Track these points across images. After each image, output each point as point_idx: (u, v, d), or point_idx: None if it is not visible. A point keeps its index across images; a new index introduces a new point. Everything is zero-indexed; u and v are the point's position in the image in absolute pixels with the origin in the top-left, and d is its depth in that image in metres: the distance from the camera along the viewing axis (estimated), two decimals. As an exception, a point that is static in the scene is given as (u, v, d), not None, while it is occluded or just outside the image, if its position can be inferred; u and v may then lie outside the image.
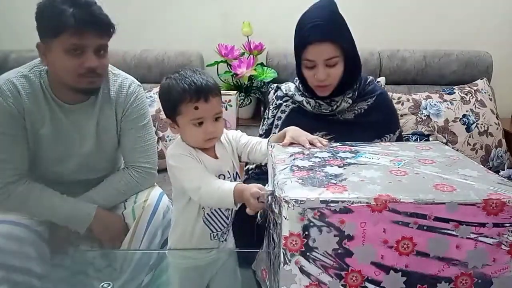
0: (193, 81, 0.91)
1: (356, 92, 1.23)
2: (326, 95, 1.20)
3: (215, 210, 0.99)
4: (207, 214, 0.99)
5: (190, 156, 0.94)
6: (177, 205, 1.02)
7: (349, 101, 1.22)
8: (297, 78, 1.29)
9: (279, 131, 1.25)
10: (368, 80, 1.29)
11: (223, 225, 1.02)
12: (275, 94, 1.36)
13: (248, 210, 0.83)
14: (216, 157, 0.98)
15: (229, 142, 1.04)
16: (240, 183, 0.90)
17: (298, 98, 1.26)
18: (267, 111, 1.37)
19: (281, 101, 1.32)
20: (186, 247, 1.03)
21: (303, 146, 0.89)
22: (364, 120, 1.23)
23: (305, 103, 1.25)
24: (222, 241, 1.04)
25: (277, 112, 1.32)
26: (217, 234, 1.01)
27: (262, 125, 1.37)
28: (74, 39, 1.03)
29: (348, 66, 1.16)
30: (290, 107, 1.30)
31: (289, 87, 1.32)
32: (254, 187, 0.83)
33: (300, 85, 1.27)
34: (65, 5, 1.01)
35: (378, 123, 1.23)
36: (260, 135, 1.35)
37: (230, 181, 0.99)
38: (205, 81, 0.92)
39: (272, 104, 1.35)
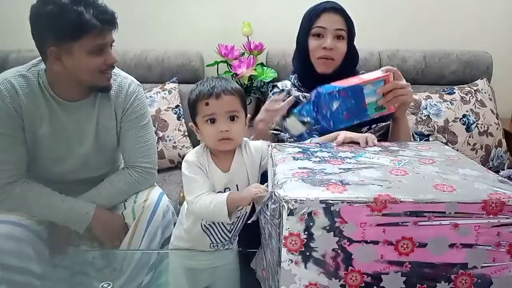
0: (209, 82, 0.94)
1: None
2: (327, 72, 1.22)
3: (215, 223, 0.98)
4: (204, 225, 0.98)
5: (200, 168, 0.95)
6: (185, 205, 1.02)
7: None
8: (292, 75, 1.33)
9: (277, 123, 1.27)
10: (361, 73, 1.31)
11: (224, 238, 1.01)
12: (272, 92, 1.38)
13: None
14: (227, 170, 0.97)
15: (249, 155, 1.00)
16: (232, 192, 0.91)
17: (295, 93, 1.28)
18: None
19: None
20: (186, 247, 1.03)
21: (359, 144, 0.92)
22: None
23: (301, 98, 1.26)
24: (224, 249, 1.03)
25: None
26: (216, 245, 1.01)
27: None
28: (99, 39, 1.05)
29: (349, 50, 1.21)
30: None
31: (285, 83, 1.34)
32: (253, 188, 0.83)
33: (296, 81, 1.30)
34: (77, 6, 1.01)
35: None
36: None
37: None
38: (222, 83, 0.94)
39: (268, 100, 1.35)
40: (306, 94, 1.26)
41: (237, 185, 0.97)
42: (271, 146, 0.92)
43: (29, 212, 1.14)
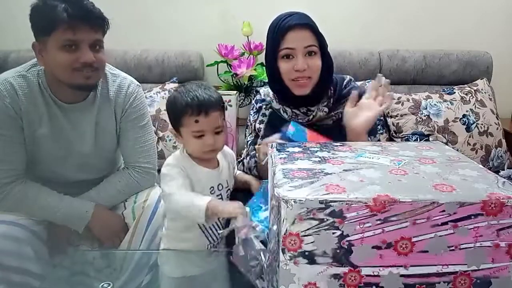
0: (195, 95, 0.93)
1: (332, 100, 1.20)
2: (305, 93, 1.14)
3: (213, 224, 0.99)
4: (203, 225, 0.99)
5: (181, 170, 0.95)
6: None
7: (325, 109, 1.18)
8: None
9: (262, 134, 1.24)
10: (345, 81, 1.24)
11: (217, 237, 1.03)
12: (255, 98, 1.33)
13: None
14: (217, 166, 1.00)
15: (227, 155, 1.06)
16: (215, 200, 0.89)
17: (276, 105, 1.23)
18: (249, 117, 1.32)
19: (261, 104, 1.29)
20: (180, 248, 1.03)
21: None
22: (342, 124, 1.14)
23: (282, 112, 1.22)
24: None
25: (258, 116, 1.28)
26: (213, 245, 1.02)
27: (249, 133, 1.32)
28: (68, 34, 1.02)
29: (324, 64, 1.13)
30: (269, 111, 1.27)
31: (268, 91, 1.28)
32: (238, 208, 0.83)
33: (275, 96, 1.23)
34: (56, 1, 1.01)
35: None
36: (250, 144, 1.31)
37: (226, 191, 1.01)
38: (207, 96, 0.93)
39: (252, 109, 1.32)
40: (286, 108, 1.21)
41: (227, 180, 1.01)
42: (271, 146, 0.92)
43: (28, 211, 1.14)
